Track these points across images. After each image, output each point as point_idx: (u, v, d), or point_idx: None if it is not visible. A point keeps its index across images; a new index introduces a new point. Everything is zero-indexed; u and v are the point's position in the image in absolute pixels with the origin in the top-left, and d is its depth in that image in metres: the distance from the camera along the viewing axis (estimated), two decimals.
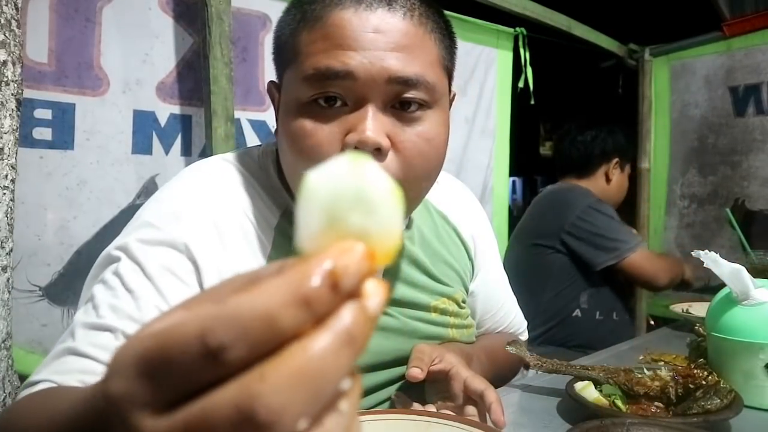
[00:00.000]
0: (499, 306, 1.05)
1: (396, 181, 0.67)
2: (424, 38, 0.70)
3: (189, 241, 0.69)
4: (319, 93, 0.68)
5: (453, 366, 0.78)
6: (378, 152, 0.67)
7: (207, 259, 0.69)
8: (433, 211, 0.95)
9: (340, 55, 0.66)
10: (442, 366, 0.79)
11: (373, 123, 0.66)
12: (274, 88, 0.79)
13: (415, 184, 0.72)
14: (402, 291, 0.85)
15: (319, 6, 0.69)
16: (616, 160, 2.11)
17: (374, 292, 0.23)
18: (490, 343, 1.00)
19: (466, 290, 0.97)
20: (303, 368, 0.21)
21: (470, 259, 0.98)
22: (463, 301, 0.95)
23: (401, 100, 0.69)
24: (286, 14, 0.74)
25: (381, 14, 0.67)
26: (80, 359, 0.60)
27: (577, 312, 1.95)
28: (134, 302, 0.63)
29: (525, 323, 1.13)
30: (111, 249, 0.70)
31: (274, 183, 0.80)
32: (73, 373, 0.59)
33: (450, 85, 0.79)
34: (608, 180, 2.11)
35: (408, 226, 0.87)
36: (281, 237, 0.76)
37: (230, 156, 0.83)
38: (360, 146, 0.65)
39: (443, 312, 0.89)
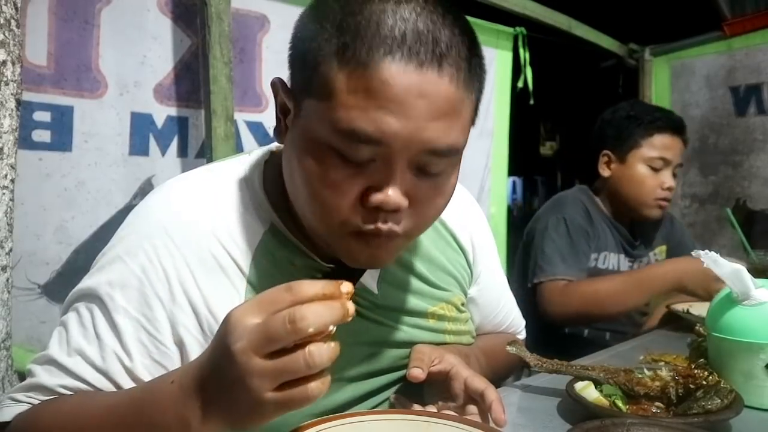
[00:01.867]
0: (499, 309, 1.05)
1: (404, 232, 0.70)
2: (465, 102, 0.66)
3: (159, 288, 0.70)
4: (349, 148, 0.64)
5: (453, 366, 0.78)
6: (396, 210, 0.66)
7: (179, 302, 0.70)
8: None
9: (381, 121, 0.61)
10: (442, 367, 0.79)
11: (400, 185, 0.65)
12: (281, 89, 0.72)
13: (421, 231, 0.73)
14: (399, 298, 0.85)
15: (363, 47, 0.61)
16: (604, 153, 1.83)
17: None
18: (488, 343, 1.00)
19: (465, 294, 0.96)
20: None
21: (469, 265, 0.96)
22: (462, 305, 0.94)
23: (429, 164, 0.67)
24: (316, 23, 0.65)
25: (430, 76, 0.61)
26: (49, 397, 0.69)
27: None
28: (99, 351, 0.68)
29: (523, 322, 1.13)
30: (83, 287, 0.71)
31: (259, 199, 0.77)
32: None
33: None
34: (602, 179, 1.87)
35: None
36: (262, 257, 0.75)
37: (217, 168, 0.80)
38: (382, 206, 0.65)
39: (440, 318, 0.89)
